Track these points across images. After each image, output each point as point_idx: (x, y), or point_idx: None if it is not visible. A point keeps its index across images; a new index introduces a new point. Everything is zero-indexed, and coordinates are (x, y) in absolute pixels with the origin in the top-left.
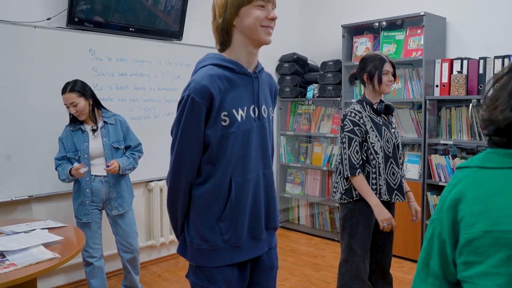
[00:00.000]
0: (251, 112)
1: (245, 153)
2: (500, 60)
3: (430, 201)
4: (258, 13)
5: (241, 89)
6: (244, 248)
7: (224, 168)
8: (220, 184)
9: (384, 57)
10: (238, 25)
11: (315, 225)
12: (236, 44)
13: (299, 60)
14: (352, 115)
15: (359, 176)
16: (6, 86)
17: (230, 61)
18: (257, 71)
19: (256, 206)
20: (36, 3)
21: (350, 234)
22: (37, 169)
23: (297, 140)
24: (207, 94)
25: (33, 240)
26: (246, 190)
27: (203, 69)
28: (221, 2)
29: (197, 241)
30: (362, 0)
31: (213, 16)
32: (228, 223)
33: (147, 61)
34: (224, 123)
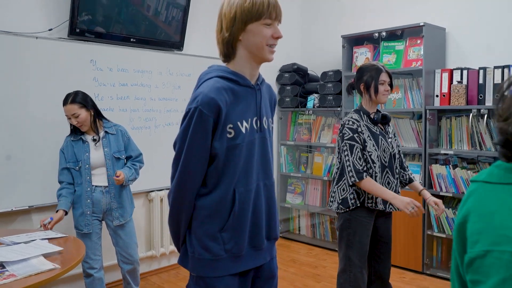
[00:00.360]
0: (254, 124)
1: (248, 164)
2: (500, 70)
3: (431, 212)
4: (265, 32)
5: (245, 101)
6: (245, 258)
7: (229, 179)
8: (225, 195)
9: (381, 67)
10: (243, 40)
11: (316, 235)
12: (240, 57)
13: (299, 70)
14: (350, 123)
15: (367, 179)
16: (7, 96)
17: (234, 73)
18: (259, 82)
19: (257, 216)
20: (38, 14)
21: (347, 244)
22: (38, 179)
23: (297, 150)
24: (215, 106)
25: (33, 251)
26: (248, 200)
27: (210, 81)
28: (229, 16)
29: (199, 251)
30: (362, 11)
31: (219, 27)
32: (231, 233)
33: (148, 72)
34: (229, 135)
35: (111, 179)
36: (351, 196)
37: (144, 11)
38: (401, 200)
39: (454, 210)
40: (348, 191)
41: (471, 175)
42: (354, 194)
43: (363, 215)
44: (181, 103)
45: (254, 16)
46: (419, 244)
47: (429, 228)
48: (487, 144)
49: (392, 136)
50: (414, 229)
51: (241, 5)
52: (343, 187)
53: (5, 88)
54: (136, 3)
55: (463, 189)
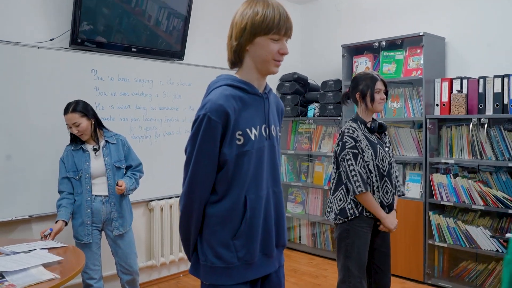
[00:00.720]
0: (263, 131)
1: (258, 171)
2: (500, 79)
3: (432, 221)
4: (272, 47)
5: (253, 109)
6: (257, 265)
7: (240, 186)
8: (236, 202)
9: (376, 75)
10: (250, 51)
11: (316, 245)
12: (247, 66)
13: (300, 79)
14: (350, 132)
15: (368, 192)
16: (8, 105)
17: (242, 81)
18: (266, 91)
19: (267, 223)
20: (39, 24)
21: (346, 254)
22: (38, 188)
23: (298, 159)
24: (223, 113)
25: (32, 261)
26: (259, 207)
27: (218, 89)
28: (240, 26)
29: (211, 260)
30: (362, 20)
31: (229, 34)
32: (243, 240)
33: (149, 81)
34: (239, 142)
35: (111, 189)
36: (349, 206)
37: (145, 20)
38: (391, 221)
39: (455, 220)
40: (345, 201)
41: (472, 184)
42: (352, 204)
43: (362, 225)
44: (182, 112)
45: (263, 29)
46: (420, 254)
47: (430, 238)
48: (487, 153)
49: (389, 145)
50: (415, 238)
51: (252, 17)
52: (340, 197)
53: (6, 97)
54: (137, 13)
55: (464, 198)
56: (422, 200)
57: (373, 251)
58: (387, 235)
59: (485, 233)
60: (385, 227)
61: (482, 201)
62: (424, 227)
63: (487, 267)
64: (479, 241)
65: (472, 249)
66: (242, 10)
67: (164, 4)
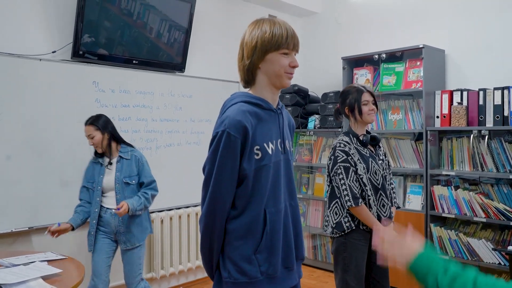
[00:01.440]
0: (279, 145)
1: (276, 184)
2: (500, 91)
3: (433, 233)
4: (283, 61)
5: (269, 124)
6: (280, 279)
7: (259, 200)
8: (256, 216)
9: (361, 87)
10: (263, 68)
11: (317, 257)
12: (260, 83)
13: (300, 91)
14: (342, 146)
15: (362, 206)
16: (10, 117)
17: (258, 98)
18: (279, 107)
19: (287, 236)
20: (41, 36)
21: (344, 268)
22: (38, 200)
23: (298, 171)
24: (242, 128)
25: (32, 273)
26: (279, 221)
27: (235, 106)
28: (251, 45)
29: (235, 275)
30: (362, 33)
31: (240, 55)
32: (265, 254)
33: (150, 93)
34: (257, 156)
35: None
36: (346, 219)
37: (147, 33)
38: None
39: (457, 232)
40: (341, 214)
41: (473, 196)
42: (348, 217)
43: (359, 238)
44: (183, 124)
45: (273, 46)
46: None
47: None
48: (488, 165)
49: (383, 158)
50: None
51: (262, 36)
52: (335, 210)
53: (8, 109)
54: (138, 25)
55: (465, 210)
56: (423, 212)
57: (372, 264)
58: None
59: (487, 246)
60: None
61: (484, 213)
62: (425, 239)
63: None
64: (481, 254)
65: (474, 262)
66: (250, 31)
67: (166, 17)
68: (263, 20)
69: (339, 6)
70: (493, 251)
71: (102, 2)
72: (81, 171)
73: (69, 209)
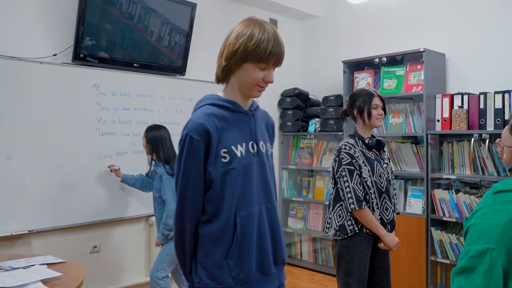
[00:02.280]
0: (250, 148)
1: (247, 187)
2: (500, 95)
3: (434, 237)
4: (258, 75)
5: (239, 126)
6: (254, 284)
7: (228, 204)
8: (226, 221)
9: (373, 91)
10: (237, 74)
11: (318, 261)
12: (232, 85)
13: (301, 94)
14: (347, 148)
15: (365, 209)
16: (10, 120)
17: (226, 100)
18: (252, 109)
19: (262, 240)
20: (42, 40)
21: (346, 271)
22: (38, 203)
23: (299, 174)
24: (204, 131)
25: (31, 276)
26: (251, 225)
27: (201, 109)
28: (232, 48)
29: (206, 281)
30: (362, 37)
31: (221, 52)
32: (236, 259)
33: (150, 96)
34: (224, 159)
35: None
36: (349, 222)
37: (147, 36)
38: (391, 239)
39: (458, 236)
40: (345, 217)
41: (474, 200)
42: (352, 220)
43: (362, 241)
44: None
45: (254, 58)
46: (423, 270)
47: (432, 254)
48: (489, 168)
49: (387, 162)
50: (417, 254)
51: (246, 43)
52: (339, 213)
53: (8, 111)
54: (139, 28)
55: (466, 214)
56: (424, 216)
57: (373, 268)
58: (387, 252)
59: None
60: (385, 245)
61: None
62: (426, 243)
63: None
64: None
65: None
66: (238, 30)
67: (166, 20)
68: (255, 24)
69: (340, 9)
70: None
71: (103, 5)
72: (81, 174)
73: (70, 212)
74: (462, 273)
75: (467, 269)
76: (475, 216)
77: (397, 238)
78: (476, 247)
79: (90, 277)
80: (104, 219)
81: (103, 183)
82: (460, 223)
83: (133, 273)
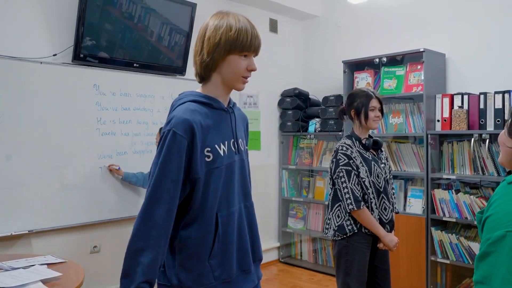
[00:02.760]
0: (232, 146)
1: (229, 187)
2: (501, 95)
3: (434, 237)
4: (241, 64)
5: (220, 124)
6: (236, 283)
7: (211, 204)
8: (208, 221)
9: (371, 93)
10: (220, 67)
11: (318, 261)
12: (214, 81)
13: (301, 94)
14: (344, 149)
15: (364, 209)
16: (10, 120)
17: (207, 97)
18: (231, 105)
19: (242, 239)
20: (42, 40)
21: (346, 271)
22: (38, 203)
23: (299, 174)
24: (189, 127)
25: (31, 276)
26: (232, 224)
27: (183, 105)
28: (213, 42)
29: (188, 284)
30: (362, 37)
31: (199, 49)
32: (219, 259)
33: (150, 96)
34: (208, 159)
35: None
36: (348, 222)
37: (148, 36)
38: (391, 239)
39: (458, 236)
40: (343, 217)
41: (474, 200)
42: (351, 220)
43: (361, 241)
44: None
45: (238, 47)
46: (423, 270)
47: (432, 254)
48: (489, 168)
49: (385, 162)
50: (417, 255)
51: (226, 33)
52: (338, 213)
53: (8, 112)
54: (139, 28)
55: (466, 214)
56: (424, 216)
57: (374, 268)
58: (387, 252)
59: None
60: (384, 245)
61: None
62: (426, 243)
63: None
64: None
65: None
66: (214, 24)
67: (167, 20)
68: (228, 15)
69: (340, 9)
70: None
71: (103, 5)
72: (81, 174)
73: (70, 212)
74: (484, 258)
75: (489, 253)
76: (491, 207)
77: (396, 238)
78: (495, 233)
79: (90, 277)
80: (104, 219)
81: (103, 183)
82: (461, 223)
83: None
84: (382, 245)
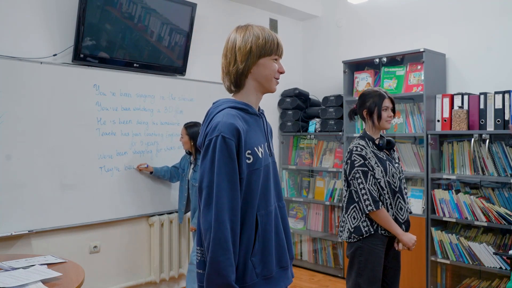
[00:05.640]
0: (266, 149)
1: (266, 187)
2: (501, 95)
3: (434, 237)
4: (273, 66)
5: (256, 128)
6: (276, 279)
7: (252, 204)
8: (249, 221)
9: (383, 93)
10: (254, 72)
11: (318, 261)
12: (248, 88)
13: (301, 95)
14: (359, 150)
15: (382, 209)
16: (10, 120)
17: (242, 103)
18: (261, 111)
19: (279, 236)
20: (43, 40)
21: (358, 272)
22: (38, 203)
23: (299, 174)
24: (235, 131)
25: (31, 276)
26: (270, 222)
27: (223, 111)
28: (244, 50)
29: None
30: (362, 37)
31: (232, 60)
32: (259, 256)
33: (150, 96)
34: (248, 161)
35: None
36: (364, 223)
37: (148, 36)
38: (409, 238)
39: (458, 236)
40: (360, 219)
41: (474, 200)
42: (367, 221)
43: (376, 243)
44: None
45: (267, 51)
46: (423, 271)
47: (432, 254)
48: (489, 169)
49: (398, 161)
50: (417, 255)
51: (255, 41)
52: (353, 215)
53: (8, 112)
54: (139, 28)
55: (466, 214)
56: (424, 216)
57: (385, 268)
58: (398, 253)
59: (488, 250)
60: (403, 244)
61: (485, 218)
62: (426, 243)
63: (490, 284)
64: (482, 258)
65: (475, 266)
66: (241, 36)
67: (167, 20)
68: (249, 27)
69: (340, 10)
70: (494, 255)
71: (103, 6)
72: (81, 174)
73: (70, 212)
74: None
75: None
76: None
77: (414, 236)
78: None
79: (90, 277)
80: (104, 219)
81: (103, 183)
82: (461, 223)
83: (133, 273)
84: (400, 245)
